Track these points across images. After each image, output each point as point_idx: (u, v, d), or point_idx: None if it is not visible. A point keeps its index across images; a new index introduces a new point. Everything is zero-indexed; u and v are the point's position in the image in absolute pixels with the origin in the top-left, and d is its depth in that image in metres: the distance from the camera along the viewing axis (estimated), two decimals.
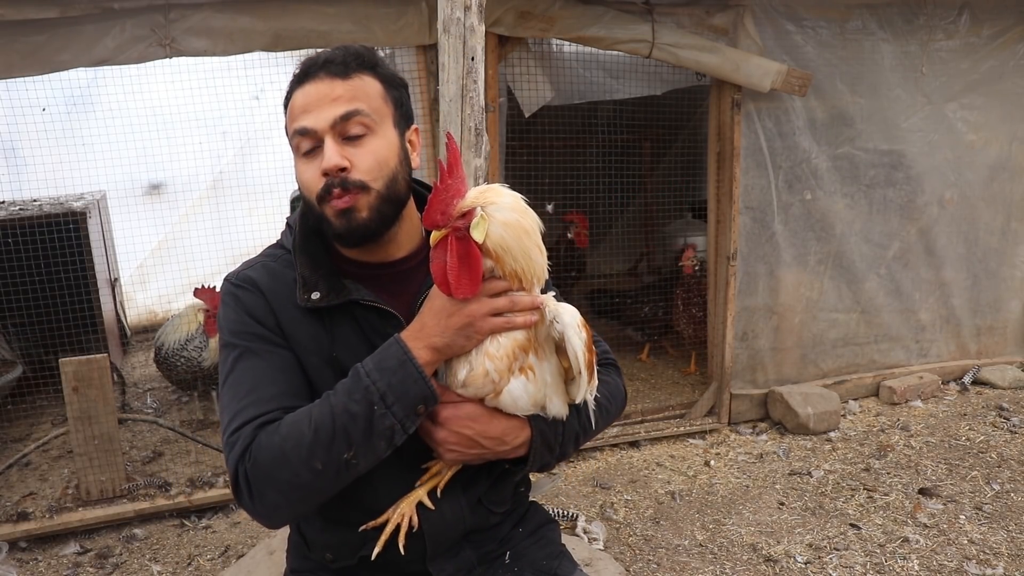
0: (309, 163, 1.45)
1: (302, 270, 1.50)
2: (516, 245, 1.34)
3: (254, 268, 1.56)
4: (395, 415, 1.33)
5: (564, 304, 1.41)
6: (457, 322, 1.35)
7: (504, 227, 1.33)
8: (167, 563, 3.30)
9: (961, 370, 5.02)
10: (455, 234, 1.32)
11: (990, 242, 4.96)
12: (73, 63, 3.34)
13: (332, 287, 1.48)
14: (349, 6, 3.51)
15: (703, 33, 4.01)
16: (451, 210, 1.32)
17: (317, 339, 1.48)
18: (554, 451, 1.50)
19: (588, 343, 1.39)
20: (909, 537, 3.30)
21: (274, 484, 1.33)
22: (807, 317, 4.63)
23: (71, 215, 4.74)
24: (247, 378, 1.43)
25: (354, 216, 1.43)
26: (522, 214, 1.36)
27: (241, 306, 1.49)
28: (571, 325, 1.36)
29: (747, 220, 4.36)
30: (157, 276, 6.28)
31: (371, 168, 1.43)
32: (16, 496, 3.76)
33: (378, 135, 1.45)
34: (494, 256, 1.34)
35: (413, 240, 1.59)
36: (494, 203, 1.34)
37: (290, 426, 1.34)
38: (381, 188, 1.44)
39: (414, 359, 1.34)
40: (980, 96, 4.69)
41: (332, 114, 1.41)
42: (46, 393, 4.85)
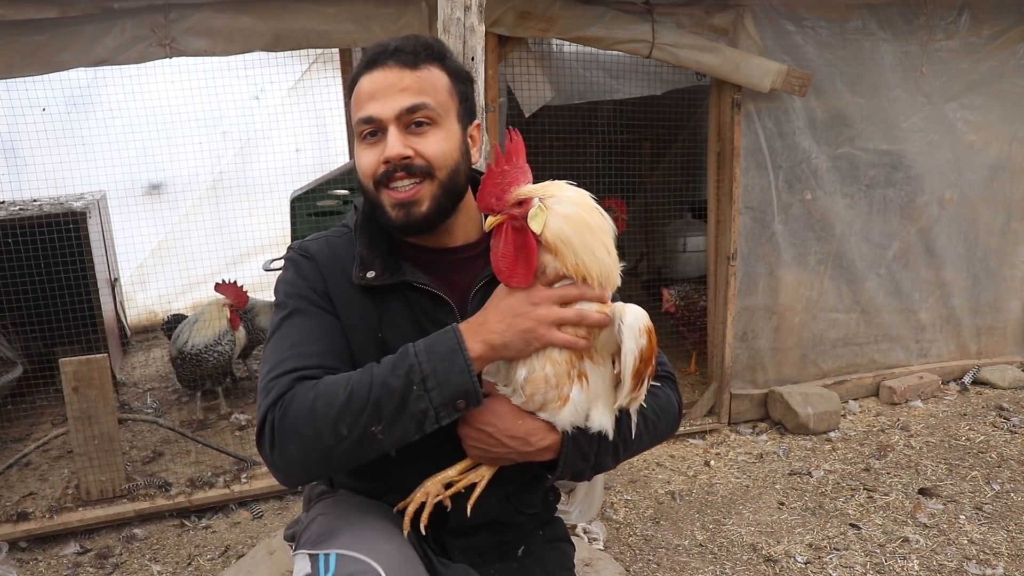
0: (370, 148, 1.46)
1: (361, 249, 1.53)
2: (578, 240, 1.30)
3: (317, 241, 1.59)
4: (431, 400, 1.31)
5: (631, 305, 1.36)
6: (521, 324, 1.33)
7: (564, 220, 1.30)
8: (167, 563, 3.30)
9: (961, 370, 5.02)
10: (511, 223, 1.32)
11: (990, 242, 4.96)
12: (73, 63, 3.34)
13: (387, 267, 1.50)
14: (349, 6, 3.51)
15: (703, 33, 4.01)
16: (506, 196, 1.32)
17: (366, 317, 1.50)
18: (588, 460, 1.45)
19: (647, 352, 1.33)
20: (909, 537, 3.30)
21: (297, 439, 1.32)
22: (807, 317, 4.63)
23: (71, 215, 4.74)
24: (293, 333, 1.45)
25: (414, 210, 1.45)
26: (587, 210, 1.33)
27: (298, 271, 1.53)
28: (631, 327, 1.31)
29: (747, 220, 4.36)
30: (157, 276, 6.28)
31: (435, 157, 1.44)
32: (16, 496, 3.76)
33: (442, 128, 1.46)
34: (553, 249, 1.31)
35: (470, 231, 1.60)
36: (554, 196, 1.32)
37: (327, 385, 1.34)
38: (444, 178, 1.46)
39: (466, 350, 1.32)
40: (980, 96, 4.69)
41: (398, 105, 1.42)
42: (46, 393, 4.85)
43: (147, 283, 6.39)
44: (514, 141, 1.35)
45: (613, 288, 1.38)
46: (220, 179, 6.42)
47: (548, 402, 1.36)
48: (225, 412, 4.69)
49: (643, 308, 1.37)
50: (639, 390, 1.37)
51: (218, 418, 4.65)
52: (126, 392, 5.20)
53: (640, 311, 1.34)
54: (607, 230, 1.34)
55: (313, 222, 4.75)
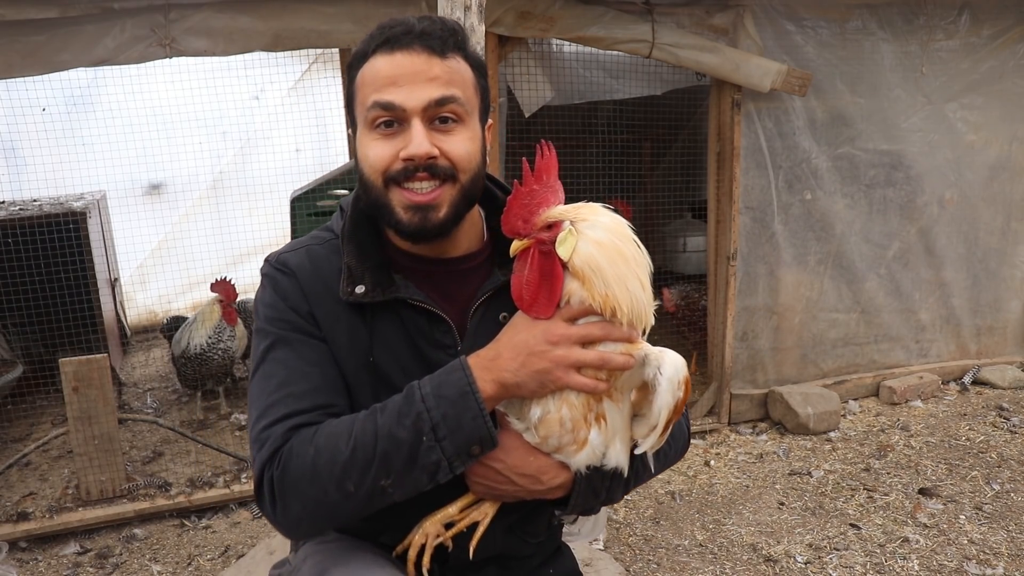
0: (384, 140, 1.29)
1: (348, 260, 1.37)
2: (609, 269, 1.18)
3: (296, 252, 1.42)
4: (444, 451, 1.20)
5: (668, 353, 1.23)
6: (536, 364, 1.21)
7: (596, 247, 1.18)
8: (167, 563, 3.30)
9: (961, 370, 5.02)
10: (539, 247, 1.21)
11: (990, 242, 4.96)
12: (73, 63, 3.34)
13: (378, 281, 1.35)
14: (349, 6, 3.51)
15: (703, 33, 4.01)
16: (534, 218, 1.20)
17: (355, 338, 1.36)
18: (600, 495, 1.35)
19: (681, 404, 1.23)
20: (909, 537, 3.30)
21: (300, 498, 1.23)
22: (807, 317, 4.63)
23: (71, 215, 4.74)
24: (279, 370, 1.32)
25: (431, 215, 1.30)
26: (621, 239, 1.20)
27: (277, 291, 1.38)
28: (670, 381, 1.20)
29: (747, 220, 4.36)
30: (157, 276, 6.28)
31: (460, 158, 1.30)
32: (16, 496, 3.76)
33: (467, 126, 1.32)
34: (581, 277, 1.19)
35: (473, 240, 1.45)
36: (587, 220, 1.20)
37: (327, 438, 1.23)
38: (466, 182, 1.32)
39: (477, 392, 1.20)
40: (980, 96, 4.69)
41: (427, 95, 1.27)
42: (46, 393, 4.85)
43: (147, 283, 6.39)
44: (546, 157, 1.22)
45: (644, 326, 1.25)
46: (220, 179, 6.42)
47: (564, 446, 1.27)
48: (225, 412, 4.69)
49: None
50: (664, 436, 1.27)
51: (218, 418, 4.65)
52: (126, 392, 5.20)
53: (679, 361, 1.22)
54: (642, 263, 1.22)
55: (313, 222, 4.75)
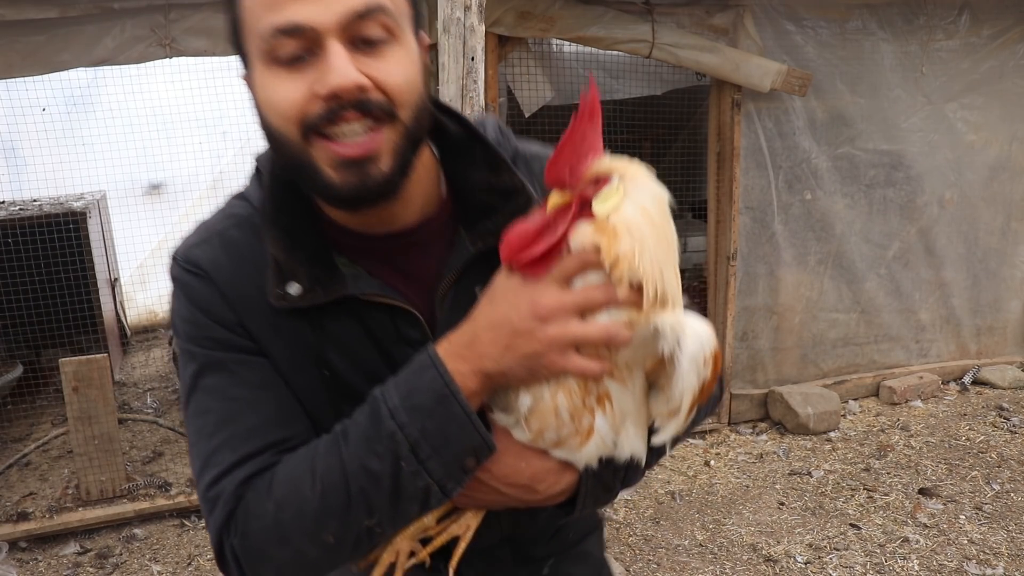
0: (292, 78, 0.93)
1: (274, 249, 1.03)
2: (650, 242, 0.94)
3: (207, 244, 1.08)
4: (431, 473, 0.95)
5: (691, 321, 0.96)
6: (523, 347, 0.94)
7: (642, 211, 0.94)
8: (167, 563, 3.30)
9: (961, 370, 5.02)
10: (582, 205, 0.95)
11: (990, 242, 4.96)
12: (73, 63, 3.35)
13: (318, 276, 1.03)
14: None
15: (703, 33, 4.01)
16: (582, 167, 0.94)
17: (299, 347, 1.06)
18: (613, 489, 1.11)
19: (710, 384, 0.99)
20: (909, 537, 3.30)
21: (272, 564, 0.99)
22: (807, 317, 4.63)
23: (71, 215, 4.74)
24: (214, 404, 1.03)
25: (371, 169, 0.95)
26: (666, 219, 0.98)
27: (193, 301, 1.06)
28: (694, 359, 0.95)
29: (747, 220, 4.36)
30: (157, 276, 6.28)
31: (398, 88, 0.95)
32: (16, 496, 3.76)
33: (401, 43, 0.96)
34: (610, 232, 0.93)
35: (429, 196, 1.10)
36: (637, 180, 0.96)
37: (287, 485, 0.97)
38: (409, 120, 0.97)
39: (458, 392, 0.94)
40: (980, 96, 4.70)
41: (345, 5, 0.91)
42: (46, 393, 4.85)
43: (147, 283, 6.39)
44: (592, 95, 0.95)
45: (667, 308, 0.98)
46: (220, 179, 6.42)
47: (564, 439, 1.02)
48: None
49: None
50: (687, 421, 1.03)
51: None
52: (126, 392, 5.20)
53: (703, 332, 0.96)
54: (676, 247, 0.99)
55: None
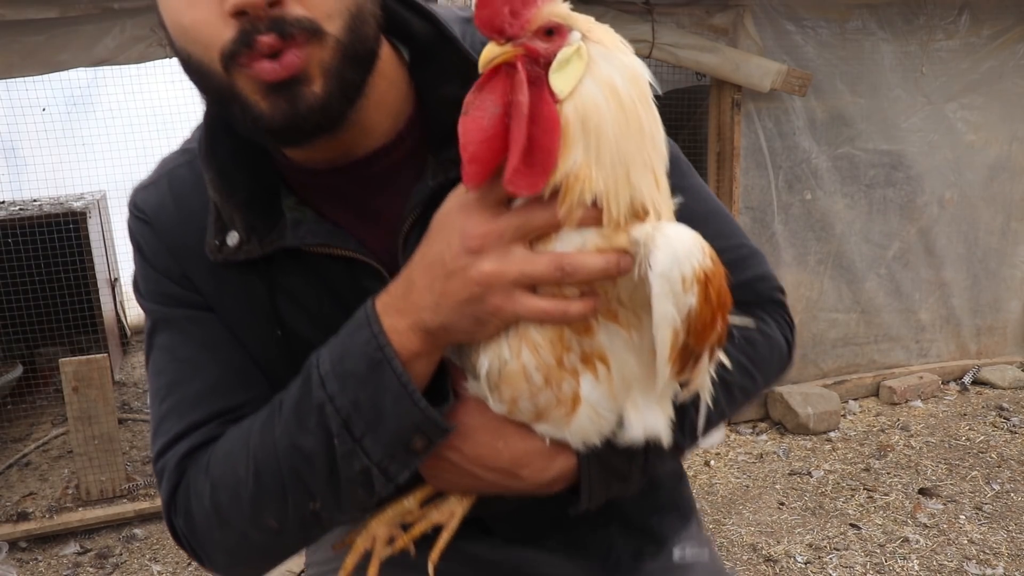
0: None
1: (212, 193, 0.90)
2: (613, 138, 0.71)
3: (156, 186, 0.98)
4: (369, 454, 0.81)
5: (669, 227, 0.73)
6: (459, 291, 0.76)
7: (607, 93, 0.72)
8: (167, 563, 3.30)
9: (961, 370, 5.02)
10: (525, 65, 0.72)
11: (990, 242, 4.96)
12: (73, 63, 3.35)
13: (254, 223, 0.89)
14: None
15: (703, 33, 4.01)
16: (528, 10, 0.72)
17: (252, 302, 0.94)
18: (631, 478, 0.92)
19: (702, 316, 0.73)
20: (909, 537, 3.30)
21: (219, 547, 0.91)
22: (807, 317, 4.63)
23: (71, 215, 4.74)
24: (166, 364, 0.96)
25: (303, 93, 0.79)
26: (641, 98, 0.74)
27: (140, 251, 0.98)
28: (665, 276, 0.70)
29: (747, 220, 4.36)
30: None
31: (324, 3, 0.79)
32: (16, 496, 3.76)
33: None
34: (567, 137, 0.72)
35: (395, 114, 0.92)
36: (603, 45, 0.76)
37: (223, 463, 0.88)
38: (341, 34, 0.80)
39: (393, 357, 0.79)
40: (980, 96, 4.70)
41: None
42: (46, 393, 4.85)
43: None
44: None
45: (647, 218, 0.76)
46: None
47: (544, 410, 0.80)
48: None
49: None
50: (695, 370, 0.78)
51: None
52: (126, 392, 5.20)
53: (684, 242, 0.72)
54: (657, 144, 0.75)
55: None
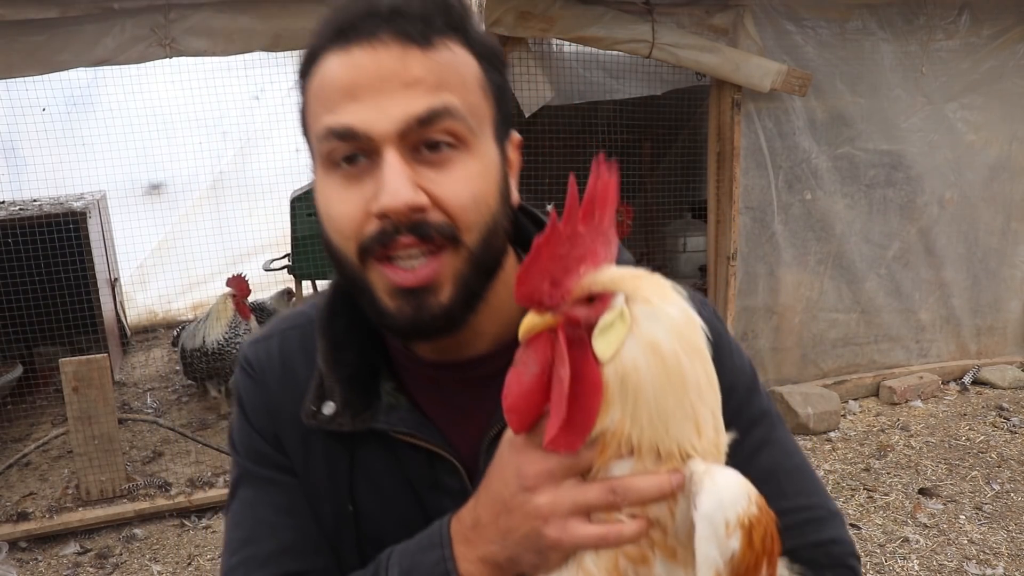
0: (347, 187, 0.85)
1: (321, 362, 0.96)
2: (652, 396, 0.73)
3: (268, 342, 1.03)
4: None
5: (716, 471, 0.75)
6: (520, 527, 0.79)
7: (649, 355, 0.73)
8: (167, 563, 3.30)
9: (961, 370, 5.02)
10: (568, 329, 0.75)
11: (990, 242, 4.96)
12: (73, 63, 3.35)
13: (351, 400, 0.94)
14: None
15: (703, 33, 4.01)
16: (570, 280, 0.75)
17: (334, 475, 0.98)
18: None
19: (745, 561, 0.72)
20: (909, 537, 3.30)
21: None
22: (807, 317, 4.63)
23: (71, 215, 4.74)
24: (245, 518, 1.00)
25: (429, 302, 0.85)
26: (688, 351, 0.75)
27: (241, 403, 1.03)
28: (709, 518, 0.72)
29: (747, 220, 4.36)
30: (157, 276, 6.29)
31: (463, 207, 0.84)
32: (16, 496, 3.76)
33: (473, 152, 0.85)
34: (606, 398, 0.75)
35: (505, 323, 0.95)
36: (650, 303, 0.74)
37: None
38: (475, 245, 0.85)
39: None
40: (980, 96, 4.70)
41: (404, 110, 0.81)
42: (46, 393, 4.85)
43: (147, 283, 6.39)
44: (603, 180, 0.76)
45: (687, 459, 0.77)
46: (220, 179, 6.42)
47: None
48: (225, 412, 4.69)
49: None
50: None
51: (218, 418, 4.64)
52: (126, 392, 5.20)
53: (730, 486, 0.73)
54: (707, 394, 0.76)
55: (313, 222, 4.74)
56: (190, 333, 4.63)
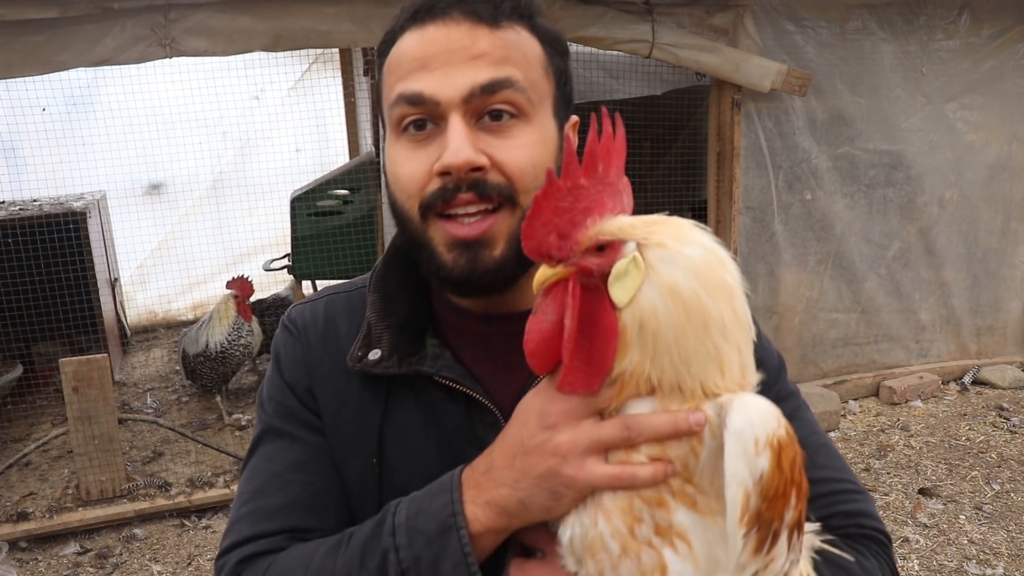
0: (415, 149, 0.93)
1: (370, 312, 1.02)
2: (671, 338, 0.74)
3: (315, 303, 1.10)
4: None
5: (744, 397, 0.75)
6: (538, 466, 0.81)
7: (668, 296, 0.74)
8: (167, 563, 3.30)
9: (961, 370, 5.02)
10: (581, 278, 0.78)
11: (990, 242, 4.96)
12: (73, 63, 3.35)
13: (399, 345, 0.99)
14: (349, 6, 3.51)
15: (703, 33, 4.01)
16: (577, 231, 0.77)
17: (364, 427, 1.00)
18: None
19: (773, 483, 0.72)
20: (909, 537, 3.30)
21: None
22: (807, 317, 4.64)
23: (71, 215, 4.74)
24: (260, 471, 1.03)
25: (483, 255, 0.91)
26: (710, 288, 0.75)
27: (279, 359, 1.08)
28: (739, 435, 0.72)
29: (747, 220, 4.36)
30: (157, 276, 6.29)
31: (521, 170, 0.91)
32: (16, 496, 3.76)
33: (532, 122, 0.93)
34: (624, 341, 0.76)
35: None
36: (665, 246, 0.76)
37: (278, 575, 0.94)
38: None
39: (462, 526, 0.84)
40: (980, 96, 4.70)
41: (469, 79, 0.89)
42: (46, 393, 4.85)
43: (147, 283, 6.40)
44: (606, 134, 0.80)
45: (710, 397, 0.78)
46: (220, 179, 6.42)
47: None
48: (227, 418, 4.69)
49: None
50: (771, 552, 0.74)
51: (217, 418, 4.65)
52: (126, 392, 5.20)
53: (763, 407, 0.74)
54: (733, 331, 0.77)
55: (313, 222, 4.76)
56: (191, 338, 4.61)
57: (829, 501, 0.99)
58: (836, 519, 0.96)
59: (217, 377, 4.58)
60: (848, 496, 1.03)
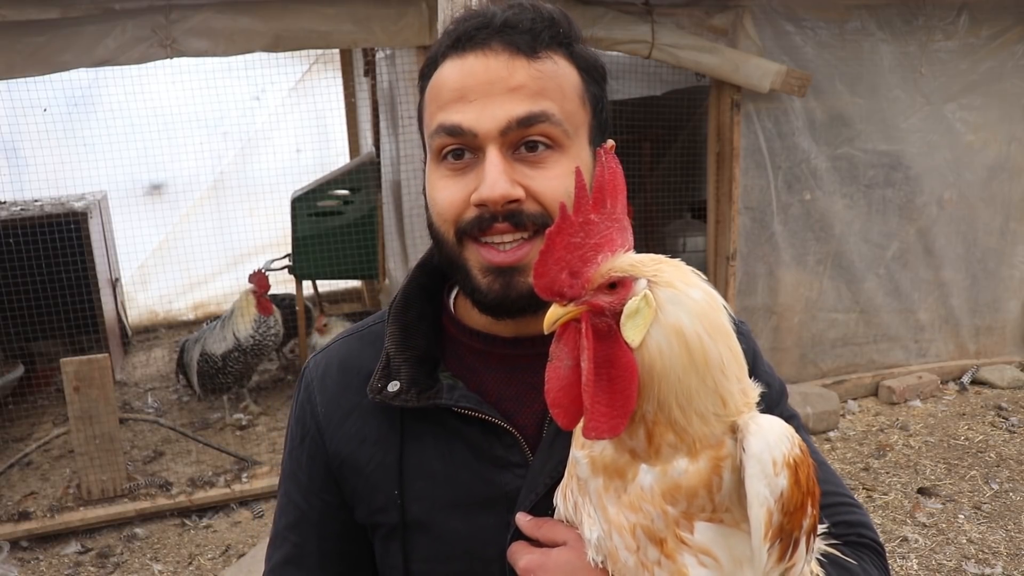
0: (453, 177, 0.95)
1: (389, 345, 1.04)
2: (676, 380, 0.76)
3: (328, 351, 1.13)
4: None
5: (761, 419, 0.79)
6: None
7: (674, 338, 0.76)
8: (168, 562, 3.31)
9: (960, 370, 5.03)
10: (593, 318, 0.78)
11: (989, 242, 4.97)
12: (74, 63, 3.36)
13: (417, 378, 1.00)
14: (349, 7, 3.52)
15: (703, 34, 4.02)
16: (589, 269, 0.78)
17: (384, 462, 1.03)
18: None
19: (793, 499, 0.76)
20: (908, 536, 3.31)
21: None
22: (806, 317, 4.64)
23: (72, 215, 4.75)
24: (280, 516, 1.13)
25: (517, 281, 0.93)
26: (712, 331, 0.78)
27: (296, 409, 1.12)
28: (758, 458, 0.75)
29: (746, 220, 4.37)
30: (158, 276, 6.30)
31: (558, 200, 0.88)
32: (17, 496, 3.77)
33: (566, 153, 0.95)
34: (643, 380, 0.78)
35: None
36: (672, 287, 0.77)
37: None
38: None
39: None
40: (979, 97, 4.70)
41: (506, 113, 0.91)
42: (47, 393, 4.86)
43: (148, 283, 6.40)
44: (612, 170, 0.83)
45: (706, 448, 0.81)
46: (221, 179, 6.43)
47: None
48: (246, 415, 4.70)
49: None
50: (793, 558, 0.79)
51: (220, 419, 4.65)
52: (127, 392, 5.21)
53: (778, 428, 0.78)
54: (731, 371, 0.79)
55: (313, 222, 4.77)
56: (217, 337, 4.55)
57: (831, 512, 1.04)
58: (838, 528, 1.02)
59: (246, 372, 4.62)
60: (847, 508, 1.08)
